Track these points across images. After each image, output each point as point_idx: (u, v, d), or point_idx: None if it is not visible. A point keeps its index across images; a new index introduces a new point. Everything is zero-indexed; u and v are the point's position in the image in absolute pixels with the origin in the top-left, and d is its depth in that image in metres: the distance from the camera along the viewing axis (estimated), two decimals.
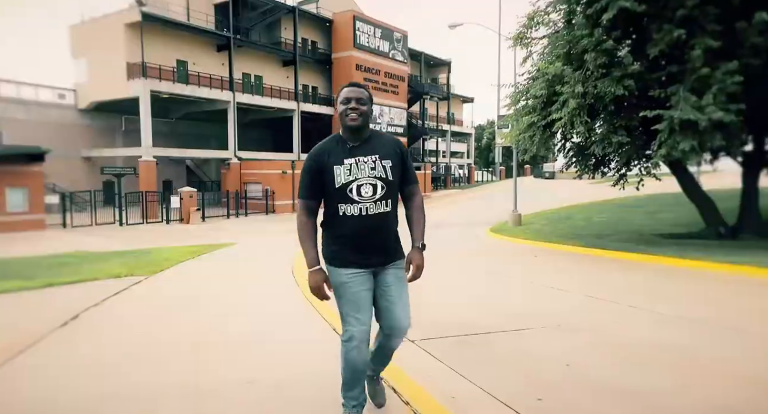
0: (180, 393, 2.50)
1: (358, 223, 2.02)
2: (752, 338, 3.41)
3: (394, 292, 2.10)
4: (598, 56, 7.40)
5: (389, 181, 2.06)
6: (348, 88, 2.10)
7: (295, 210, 2.08)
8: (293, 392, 2.54)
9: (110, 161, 27.58)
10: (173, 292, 5.30)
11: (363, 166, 2.03)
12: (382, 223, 2.07)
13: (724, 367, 2.86)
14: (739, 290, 5.18)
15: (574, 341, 3.38)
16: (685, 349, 3.20)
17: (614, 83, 7.32)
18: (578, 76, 7.78)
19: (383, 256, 2.11)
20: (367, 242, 2.05)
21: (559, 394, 2.45)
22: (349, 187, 2.01)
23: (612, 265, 7.29)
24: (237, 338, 3.54)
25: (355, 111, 2.04)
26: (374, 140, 2.12)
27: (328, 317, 3.97)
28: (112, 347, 3.32)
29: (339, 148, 2.07)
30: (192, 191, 23.25)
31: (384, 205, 2.05)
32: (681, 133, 6.88)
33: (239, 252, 9.95)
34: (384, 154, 2.08)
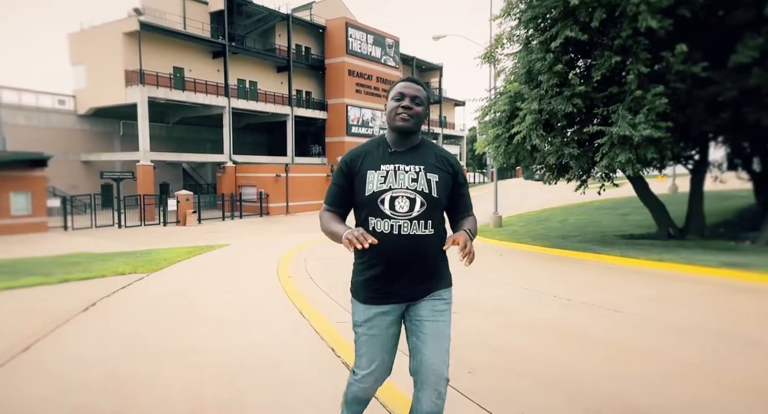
0: (178, 352, 3.41)
1: (390, 242, 1.65)
2: (632, 318, 4.33)
3: (428, 328, 1.71)
4: (550, 77, 8.36)
5: (432, 199, 1.69)
6: (403, 84, 1.76)
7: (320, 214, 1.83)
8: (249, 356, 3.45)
9: (109, 165, 28.39)
10: (170, 287, 6.21)
11: (402, 175, 1.69)
12: (418, 248, 1.68)
13: (601, 338, 3.79)
14: (648, 282, 6.10)
15: (489, 320, 4.30)
16: (577, 325, 4.13)
17: (565, 101, 8.28)
18: (535, 94, 8.75)
19: (417, 289, 1.73)
20: (399, 269, 1.69)
21: (471, 355, 3.33)
22: (380, 198, 1.67)
23: (561, 263, 8.22)
24: (220, 319, 4.45)
25: (408, 111, 1.71)
26: (423, 149, 1.77)
27: (297, 302, 4.89)
28: (126, 325, 4.23)
29: (379, 152, 1.75)
30: (188, 194, 24.07)
31: (422, 226, 1.68)
32: (619, 147, 7.84)
33: (231, 252, 10.85)
34: (431, 167, 1.73)
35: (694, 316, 4.35)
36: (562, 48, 8.25)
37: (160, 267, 7.88)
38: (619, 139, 7.78)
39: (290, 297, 5.30)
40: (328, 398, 2.55)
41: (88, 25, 28.03)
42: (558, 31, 8.02)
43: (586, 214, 18.39)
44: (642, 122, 7.49)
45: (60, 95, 28.76)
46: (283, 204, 29.10)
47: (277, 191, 28.77)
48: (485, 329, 4.01)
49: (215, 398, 2.68)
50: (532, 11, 8.40)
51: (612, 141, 7.86)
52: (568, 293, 5.34)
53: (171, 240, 15.74)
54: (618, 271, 7.05)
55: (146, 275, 7.01)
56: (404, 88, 1.75)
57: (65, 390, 2.82)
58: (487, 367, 3.09)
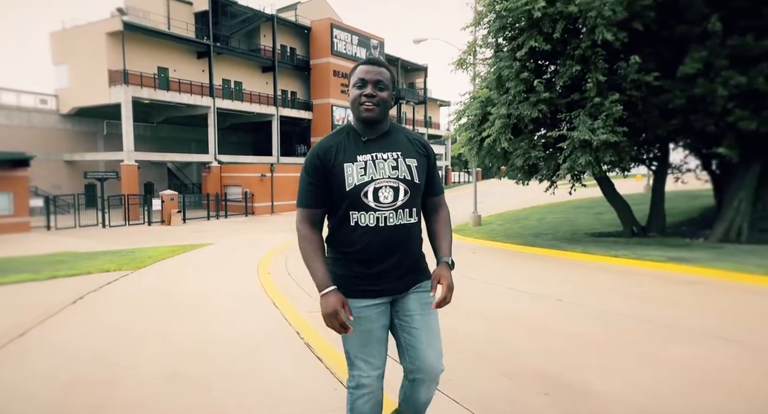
0: (160, 336, 3.80)
1: (375, 236, 1.58)
2: (569, 305, 4.83)
3: (418, 322, 1.67)
4: (517, 84, 8.87)
5: (414, 185, 1.63)
6: (363, 68, 1.62)
7: (296, 223, 1.68)
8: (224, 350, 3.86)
9: (92, 165, 28.33)
10: (154, 282, 6.56)
11: (382, 164, 1.60)
12: (405, 239, 1.63)
13: (538, 322, 4.27)
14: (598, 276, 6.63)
15: (447, 310, 4.76)
16: (519, 311, 4.61)
17: (531, 107, 8.79)
18: (503, 100, 9.26)
19: (405, 280, 1.67)
20: (384, 263, 1.62)
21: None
22: (363, 190, 1.57)
23: (528, 260, 8.74)
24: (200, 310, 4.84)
25: (372, 99, 1.59)
26: (395, 134, 1.69)
27: (272, 295, 5.30)
28: (112, 315, 4.60)
29: (351, 143, 1.63)
30: (173, 194, 24.19)
31: (407, 214, 1.62)
32: (580, 150, 8.38)
33: (214, 251, 11.18)
34: (407, 152, 1.66)
35: (629, 304, 4.86)
36: (528, 56, 8.76)
37: (145, 264, 8.21)
38: (580, 142, 8.32)
39: (266, 291, 5.71)
40: (286, 369, 2.97)
41: (70, 25, 27.94)
42: (524, 41, 8.54)
43: (563, 213, 18.99)
44: (600, 127, 8.04)
45: (41, 94, 28.61)
46: (268, 203, 29.35)
47: (263, 191, 29.00)
48: (443, 321, 4.46)
49: (192, 370, 3.09)
50: (500, 21, 8.90)
51: (574, 145, 8.40)
52: (524, 286, 5.83)
53: (155, 239, 15.95)
54: (576, 266, 7.58)
55: (131, 272, 7.34)
56: (365, 73, 1.60)
57: (62, 364, 3.21)
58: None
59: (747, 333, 3.71)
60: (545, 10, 8.03)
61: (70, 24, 27.99)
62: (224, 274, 7.54)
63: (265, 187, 29.13)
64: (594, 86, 8.17)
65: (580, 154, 8.37)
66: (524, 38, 8.53)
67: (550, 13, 8.12)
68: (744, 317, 4.28)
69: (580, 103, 8.67)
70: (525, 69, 8.82)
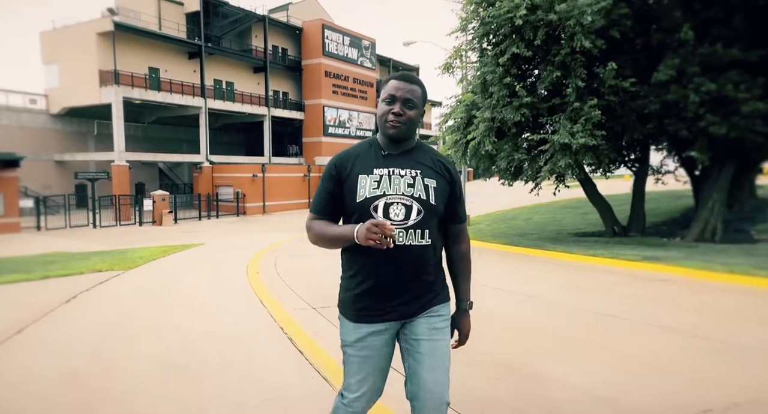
0: (152, 332, 4.01)
1: (383, 255, 1.50)
2: (539, 301, 5.09)
3: (425, 347, 1.59)
4: (501, 88, 9.15)
5: (430, 206, 1.56)
6: (395, 84, 1.57)
7: (306, 224, 1.66)
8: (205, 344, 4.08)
9: (83, 165, 28.28)
10: (146, 282, 6.75)
11: (397, 180, 1.56)
12: (415, 260, 1.55)
13: (507, 317, 4.52)
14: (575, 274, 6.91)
15: None
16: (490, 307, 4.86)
17: (514, 111, 9.07)
18: (487, 104, 9.53)
19: (414, 304, 1.60)
20: (394, 283, 1.55)
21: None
22: (373, 204, 1.53)
23: (510, 259, 9.01)
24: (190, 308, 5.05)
25: (399, 117, 1.55)
26: (419, 152, 1.63)
27: (260, 293, 5.52)
28: (105, 313, 4.79)
29: (371, 154, 1.60)
30: (164, 194, 24.25)
31: (419, 236, 1.55)
32: (560, 153, 8.68)
33: (205, 251, 11.35)
34: (428, 172, 1.60)
35: (597, 300, 5.14)
36: (511, 62, 9.04)
37: (137, 265, 8.37)
38: (561, 146, 8.61)
39: (255, 290, 5.92)
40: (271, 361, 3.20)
41: (60, 24, 27.87)
42: (506, 47, 8.81)
43: (551, 213, 19.32)
44: (579, 131, 8.33)
45: (31, 94, 28.50)
46: (260, 204, 29.47)
47: (254, 191, 29.11)
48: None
49: (182, 363, 3.30)
50: (484, 28, 9.17)
51: (554, 148, 8.69)
52: (501, 284, 6.09)
53: (147, 240, 16.06)
54: (555, 265, 7.87)
55: (123, 272, 7.51)
56: (396, 90, 1.55)
57: (58, 360, 3.41)
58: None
59: (701, 326, 3.99)
60: (526, 18, 8.31)
61: (60, 24, 27.94)
62: (214, 273, 7.74)
63: (257, 188, 29.24)
64: (573, 91, 8.46)
65: (560, 157, 8.66)
66: (507, 44, 8.81)
67: (532, 21, 8.40)
68: (700, 311, 4.57)
69: (560, 107, 8.96)
70: (508, 74, 9.10)
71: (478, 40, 9.68)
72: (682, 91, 7.79)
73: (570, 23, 8.05)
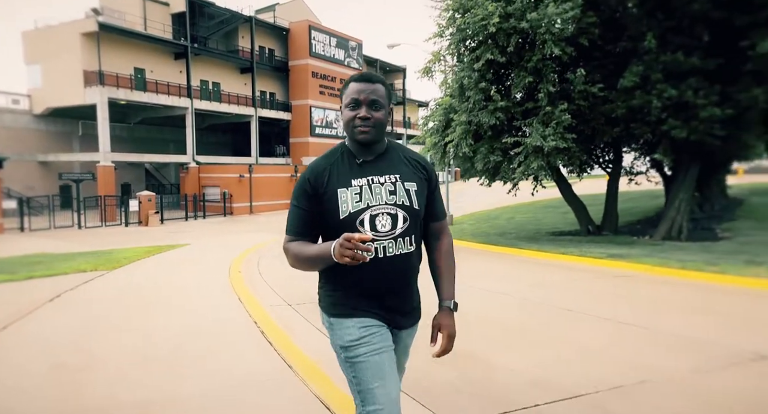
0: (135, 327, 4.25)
1: (374, 270, 1.45)
2: (500, 296, 5.42)
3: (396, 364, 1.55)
4: (476, 93, 9.48)
5: (414, 212, 1.52)
6: (356, 85, 1.50)
7: (283, 247, 1.55)
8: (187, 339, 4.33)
9: (67, 166, 28.10)
10: (130, 281, 6.95)
11: (378, 188, 1.49)
12: (406, 270, 1.52)
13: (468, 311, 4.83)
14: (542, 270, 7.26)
15: None
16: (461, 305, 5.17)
17: (489, 115, 9.41)
18: (464, 108, 9.86)
19: (406, 316, 1.58)
20: (386, 299, 1.51)
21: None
22: (359, 219, 1.46)
23: (485, 257, 9.34)
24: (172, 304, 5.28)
25: (367, 121, 1.48)
26: (392, 154, 1.57)
27: (239, 291, 5.77)
28: (90, 309, 5.01)
29: (345, 165, 1.52)
30: (150, 195, 24.24)
31: (407, 243, 1.51)
32: (533, 155, 9.03)
33: (190, 251, 11.52)
34: (407, 175, 1.55)
35: (558, 295, 5.47)
36: (486, 68, 9.38)
37: (121, 265, 8.55)
38: (533, 148, 8.96)
39: (234, 288, 6.16)
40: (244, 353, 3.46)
41: (43, 24, 27.66)
42: (481, 53, 9.14)
43: (532, 213, 19.73)
44: (551, 134, 8.69)
45: (13, 94, 28.24)
46: (246, 204, 29.55)
47: (241, 191, 29.19)
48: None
49: (160, 355, 3.55)
50: (460, 34, 9.49)
51: (527, 150, 9.04)
52: (470, 280, 6.39)
53: (132, 240, 16.13)
54: (525, 263, 8.22)
55: (107, 272, 7.69)
56: (358, 93, 1.48)
57: (44, 353, 3.63)
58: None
59: (638, 316, 4.32)
60: (500, 25, 8.64)
61: (42, 23, 27.72)
62: (197, 272, 7.95)
63: (244, 188, 29.32)
64: (545, 96, 8.82)
65: (533, 159, 9.02)
66: (482, 51, 9.14)
67: (505, 28, 8.74)
68: (644, 304, 4.95)
69: (534, 111, 9.31)
70: (483, 79, 9.43)
71: (455, 46, 10.00)
72: (646, 96, 8.18)
73: (541, 31, 8.40)
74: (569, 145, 8.81)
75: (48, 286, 6.26)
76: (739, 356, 3.17)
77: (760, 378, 2.86)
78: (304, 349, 3.56)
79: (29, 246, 14.39)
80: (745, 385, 2.76)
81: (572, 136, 8.81)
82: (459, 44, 9.85)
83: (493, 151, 9.96)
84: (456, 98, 10.16)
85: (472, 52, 9.51)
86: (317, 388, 2.84)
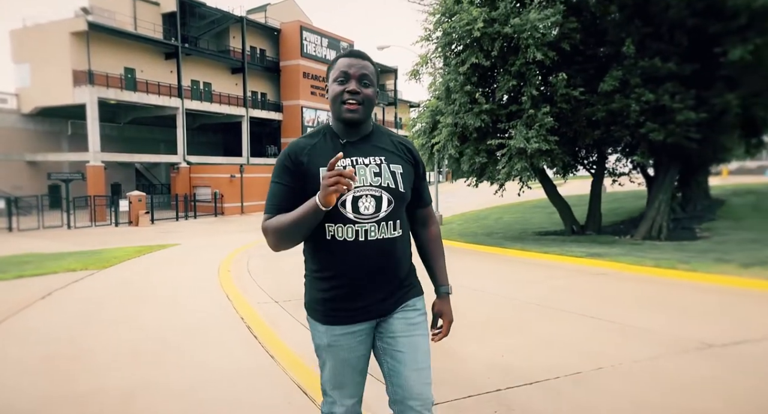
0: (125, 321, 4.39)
1: (355, 252, 1.42)
2: (477, 293, 5.62)
3: (403, 344, 1.50)
4: (462, 95, 9.69)
5: (399, 194, 1.47)
6: (347, 60, 1.45)
7: (262, 228, 1.47)
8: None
9: (56, 166, 27.94)
10: (120, 279, 7.06)
11: (362, 170, 1.44)
12: (389, 254, 1.47)
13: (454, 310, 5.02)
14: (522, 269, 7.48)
15: None
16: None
17: (474, 117, 9.62)
18: (450, 110, 10.07)
19: (389, 300, 1.51)
20: (367, 282, 1.46)
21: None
22: (341, 200, 1.40)
23: (472, 256, 9.55)
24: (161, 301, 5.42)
25: (356, 96, 1.42)
26: (378, 137, 1.52)
27: (227, 289, 5.92)
28: (81, 306, 5.13)
29: (328, 145, 1.46)
30: (141, 195, 24.20)
31: (391, 227, 1.45)
32: (517, 157, 9.26)
33: (180, 251, 11.62)
34: (393, 157, 1.50)
35: (533, 292, 5.68)
36: (471, 71, 9.60)
37: (111, 264, 8.64)
38: (517, 150, 9.20)
39: (223, 286, 6.31)
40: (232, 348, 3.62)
41: (31, 23, 27.49)
42: (466, 57, 9.36)
43: (521, 213, 20.00)
44: (534, 136, 8.93)
45: (1, 93, 28.04)
46: (238, 204, 29.58)
47: (232, 191, 29.21)
48: None
49: (149, 348, 3.70)
50: (446, 38, 9.71)
51: (511, 152, 9.27)
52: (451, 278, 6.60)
53: (122, 240, 16.15)
54: (508, 262, 8.44)
55: (97, 271, 7.79)
56: (348, 67, 1.42)
57: (37, 346, 3.77)
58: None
59: (604, 310, 4.54)
60: (484, 30, 8.86)
61: (31, 22, 27.55)
62: (186, 271, 8.07)
63: (235, 188, 29.35)
64: (528, 99, 9.06)
65: (517, 161, 9.25)
66: (467, 54, 9.35)
67: (489, 33, 8.96)
68: (611, 299, 5.19)
69: (517, 114, 9.55)
70: (469, 82, 9.65)
71: (441, 50, 10.22)
72: (625, 100, 8.44)
73: (524, 36, 8.63)
74: (552, 147, 9.05)
75: (39, 285, 6.36)
76: (687, 345, 3.41)
77: (704, 364, 3.09)
78: (288, 343, 3.73)
79: (18, 246, 14.36)
80: (689, 370, 2.99)
81: (555, 138, 9.05)
82: (445, 48, 10.07)
83: (479, 153, 10.18)
84: (442, 101, 10.37)
85: (458, 56, 9.73)
86: (299, 378, 3.01)
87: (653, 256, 7.16)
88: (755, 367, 3.02)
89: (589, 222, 12.08)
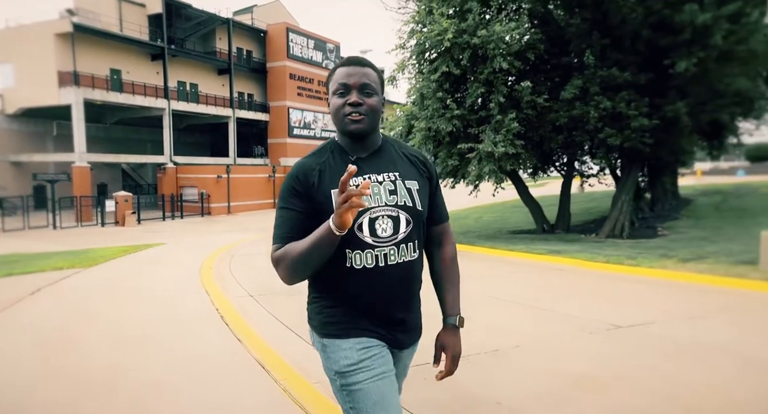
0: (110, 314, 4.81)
1: (375, 280, 1.29)
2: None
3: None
4: (435, 102, 10.21)
5: (417, 213, 1.35)
6: (345, 69, 1.33)
7: (272, 261, 1.31)
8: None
9: (42, 166, 27.93)
10: (106, 276, 7.45)
11: (377, 188, 1.32)
12: (411, 281, 1.37)
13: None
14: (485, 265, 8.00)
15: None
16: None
17: (446, 122, 10.15)
18: (424, 115, 10.58)
19: (408, 333, 1.42)
20: (388, 311, 1.34)
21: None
22: (357, 223, 1.28)
23: None
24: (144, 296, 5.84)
25: (359, 107, 1.30)
26: (389, 150, 1.41)
27: (206, 284, 6.36)
28: (68, 301, 5.54)
29: (337, 163, 1.33)
30: (127, 195, 24.36)
31: (411, 249, 1.34)
32: (486, 160, 9.81)
33: (165, 250, 11.98)
34: (406, 172, 1.38)
35: (490, 286, 6.19)
36: (443, 78, 10.12)
37: (97, 263, 8.99)
38: (486, 154, 9.74)
39: (203, 283, 6.73)
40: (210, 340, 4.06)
41: (14, 23, 27.47)
42: (438, 65, 9.88)
43: (500, 213, 20.58)
44: (501, 141, 9.48)
45: None
46: (224, 204, 29.83)
47: (219, 192, 29.46)
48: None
49: (131, 335, 4.14)
50: (419, 47, 10.22)
51: (480, 155, 9.81)
52: None
53: (108, 240, 16.39)
54: (476, 259, 8.95)
55: (84, 270, 8.15)
56: (347, 77, 1.31)
57: (29, 334, 4.18)
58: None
59: (550, 302, 5.08)
60: (454, 40, 9.39)
61: (14, 22, 27.53)
62: (170, 269, 8.47)
63: (222, 188, 29.60)
64: (496, 105, 9.61)
65: (485, 163, 9.80)
66: (439, 63, 9.88)
67: (459, 43, 9.49)
68: (558, 291, 5.73)
69: (486, 119, 10.10)
70: (441, 89, 10.17)
71: (415, 58, 10.73)
72: (584, 107, 9.03)
73: (491, 47, 9.17)
74: (518, 151, 9.61)
75: (27, 282, 6.72)
76: (600, 326, 3.95)
77: (610, 342, 3.63)
78: (255, 329, 4.19)
79: (4, 246, 14.55)
80: (598, 347, 3.52)
81: (521, 142, 9.61)
82: (419, 56, 10.58)
83: (451, 156, 10.71)
84: (417, 106, 10.88)
85: (431, 64, 10.25)
86: (263, 359, 3.47)
87: (607, 253, 7.73)
88: (651, 343, 3.57)
89: (558, 221, 12.68)
